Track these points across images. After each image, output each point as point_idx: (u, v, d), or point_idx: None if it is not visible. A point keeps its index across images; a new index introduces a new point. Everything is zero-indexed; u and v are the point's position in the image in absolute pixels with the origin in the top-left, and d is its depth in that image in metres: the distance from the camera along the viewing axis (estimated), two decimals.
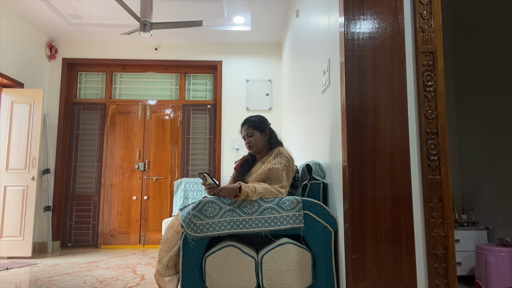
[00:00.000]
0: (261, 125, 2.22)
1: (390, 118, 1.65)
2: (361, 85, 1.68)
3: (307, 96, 2.94)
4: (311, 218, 1.85)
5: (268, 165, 2.07)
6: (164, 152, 5.03)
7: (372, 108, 1.66)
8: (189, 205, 1.87)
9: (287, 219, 1.85)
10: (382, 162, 1.63)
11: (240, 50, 5.16)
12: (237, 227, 1.82)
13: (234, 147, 4.92)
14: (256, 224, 1.83)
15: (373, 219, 1.60)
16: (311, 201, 1.89)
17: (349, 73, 1.69)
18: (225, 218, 1.84)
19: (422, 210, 1.63)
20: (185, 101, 5.18)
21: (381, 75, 1.68)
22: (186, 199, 4.36)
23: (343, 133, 1.71)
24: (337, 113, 1.87)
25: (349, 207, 1.62)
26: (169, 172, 4.99)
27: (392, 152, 1.63)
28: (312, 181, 2.04)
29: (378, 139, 1.65)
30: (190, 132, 5.09)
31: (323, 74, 2.26)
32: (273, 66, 5.13)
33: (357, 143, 1.65)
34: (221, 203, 1.87)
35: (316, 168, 2.09)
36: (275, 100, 5.06)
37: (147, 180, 4.96)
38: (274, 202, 1.89)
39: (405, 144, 1.63)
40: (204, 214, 1.83)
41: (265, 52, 5.16)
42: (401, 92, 1.66)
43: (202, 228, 1.80)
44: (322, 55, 2.33)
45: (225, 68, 5.12)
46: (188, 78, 5.28)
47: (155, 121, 5.10)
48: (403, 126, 1.64)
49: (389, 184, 1.61)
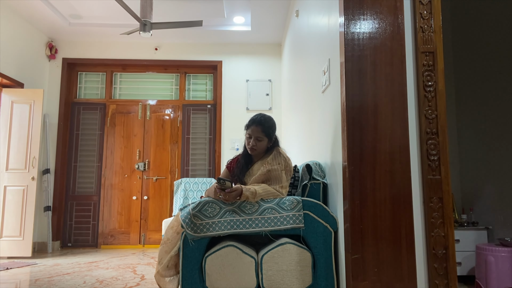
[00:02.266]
0: (272, 133, 2.14)
1: (390, 118, 1.65)
2: (361, 85, 1.68)
3: (307, 96, 2.94)
4: (311, 218, 1.85)
5: (267, 166, 2.06)
6: (164, 152, 5.03)
7: (372, 108, 1.66)
8: (189, 205, 1.87)
9: (287, 219, 1.84)
10: (382, 162, 1.62)
11: (240, 50, 5.16)
12: (237, 227, 1.82)
13: (234, 147, 4.93)
14: (256, 224, 1.83)
15: (373, 219, 1.60)
16: (311, 201, 1.89)
17: (349, 73, 1.68)
18: (225, 218, 1.84)
19: (422, 210, 1.63)
20: (185, 101, 5.18)
21: (381, 75, 1.68)
22: (186, 199, 4.36)
23: (343, 133, 1.71)
24: (337, 113, 1.87)
25: (349, 207, 1.62)
26: (169, 172, 4.99)
27: (392, 152, 1.63)
28: (312, 181, 2.04)
29: (378, 139, 1.65)
30: (190, 132, 5.09)
31: (323, 74, 2.25)
32: (273, 66, 5.13)
33: (357, 143, 1.64)
34: (221, 203, 1.87)
35: (316, 168, 2.09)
36: (275, 100, 5.07)
37: (147, 180, 4.97)
38: (274, 202, 1.89)
39: (405, 144, 1.63)
40: (204, 214, 1.83)
41: (265, 52, 5.16)
42: (401, 92, 1.66)
43: (202, 228, 1.80)
44: (322, 55, 2.33)
45: (225, 68, 5.12)
46: (188, 78, 5.29)
47: (155, 121, 5.10)
48: (403, 126, 1.64)
49: (389, 184, 1.61)
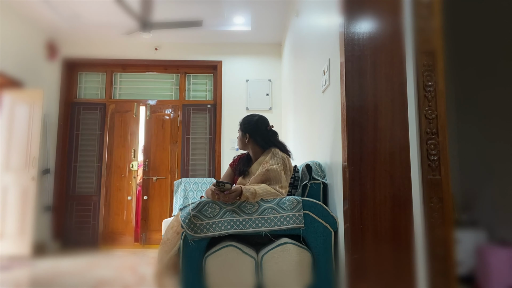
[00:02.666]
0: (247, 126, 2.26)
1: (390, 118, 1.65)
2: (361, 85, 1.68)
3: (307, 96, 2.94)
4: (311, 218, 1.85)
5: (266, 165, 2.07)
6: (164, 152, 5.03)
7: (372, 108, 1.66)
8: (189, 205, 1.87)
9: (287, 219, 1.84)
10: (382, 162, 1.62)
11: (240, 50, 5.16)
12: (237, 227, 1.82)
13: (234, 147, 4.93)
14: (256, 224, 1.83)
15: (373, 219, 1.60)
16: (311, 201, 1.89)
17: (349, 73, 1.68)
18: (225, 218, 1.84)
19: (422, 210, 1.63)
20: (185, 101, 5.18)
21: (381, 75, 1.68)
22: (186, 199, 4.36)
23: (343, 133, 1.71)
24: (337, 113, 1.87)
25: (349, 207, 1.62)
26: (169, 172, 4.99)
27: (392, 152, 1.63)
28: (312, 181, 2.04)
29: (378, 139, 1.65)
30: (190, 132, 5.09)
31: (323, 74, 2.25)
32: (273, 66, 5.13)
33: (357, 143, 1.64)
34: (221, 203, 1.86)
35: (316, 168, 2.09)
36: (275, 100, 5.07)
37: (147, 180, 4.96)
38: (274, 202, 1.89)
39: (405, 144, 1.63)
40: (204, 215, 1.83)
41: (265, 52, 5.16)
42: (401, 92, 1.66)
43: (202, 229, 1.80)
44: (322, 55, 2.32)
45: (225, 68, 5.12)
46: (188, 78, 5.29)
47: (155, 121, 5.10)
48: (403, 126, 1.64)
49: (389, 184, 1.61)
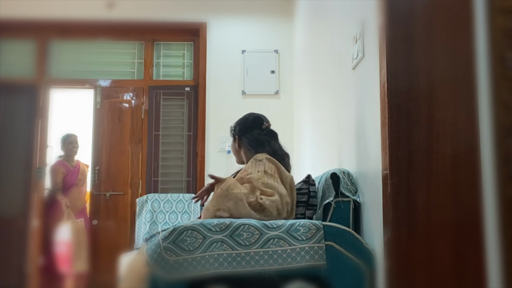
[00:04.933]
0: (236, 129, 2.48)
1: (452, 106, 1.66)
2: (410, 59, 1.68)
3: (330, 75, 2.96)
4: (337, 252, 1.86)
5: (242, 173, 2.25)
6: (122, 156, 5.03)
7: (425, 92, 1.67)
8: (159, 234, 1.88)
9: (301, 253, 1.85)
10: (441, 170, 1.63)
11: (233, 7, 5.16)
12: (228, 265, 1.83)
13: (224, 149, 4.89)
14: (257, 261, 1.84)
15: (427, 254, 1.61)
16: (337, 227, 1.90)
17: (392, 41, 1.69)
18: (212, 252, 1.84)
19: (499, 240, 1.63)
20: (152, 81, 5.19)
21: (439, 43, 1.68)
22: (155, 225, 4.36)
23: (383, 128, 1.72)
24: (375, 98, 1.88)
25: (392, 236, 1.63)
26: (128, 185, 4.99)
27: (455, 155, 1.64)
28: (339, 198, 2.04)
29: (434, 137, 1.65)
30: (160, 126, 5.08)
31: (354, 42, 2.27)
32: (281, 30, 5.13)
33: (404, 142, 1.65)
34: (205, 230, 1.87)
35: (345, 180, 2.10)
36: (284, 80, 5.06)
37: (97, 197, 4.96)
38: (282, 229, 1.89)
39: (473, 144, 1.64)
40: (180, 247, 1.83)
41: (269, 10, 5.16)
42: (468, 68, 1.66)
43: (178, 268, 1.81)
44: (353, 16, 2.34)
45: (211, 33, 5.12)
46: (157, 48, 5.29)
47: (109, 110, 5.09)
48: (471, 118, 1.65)
49: (450, 203, 1.62)
